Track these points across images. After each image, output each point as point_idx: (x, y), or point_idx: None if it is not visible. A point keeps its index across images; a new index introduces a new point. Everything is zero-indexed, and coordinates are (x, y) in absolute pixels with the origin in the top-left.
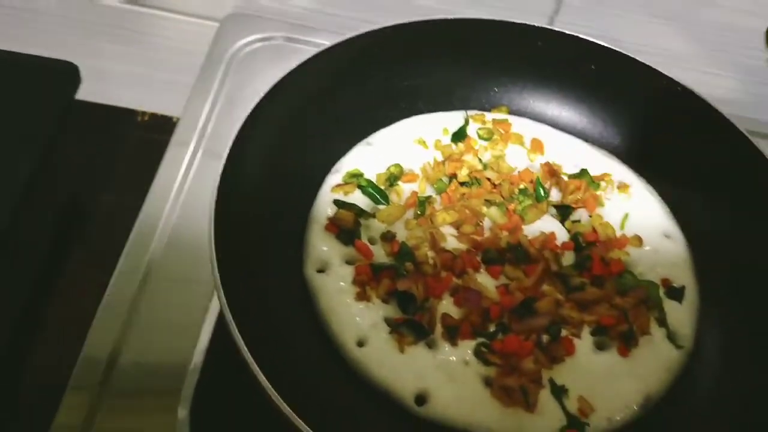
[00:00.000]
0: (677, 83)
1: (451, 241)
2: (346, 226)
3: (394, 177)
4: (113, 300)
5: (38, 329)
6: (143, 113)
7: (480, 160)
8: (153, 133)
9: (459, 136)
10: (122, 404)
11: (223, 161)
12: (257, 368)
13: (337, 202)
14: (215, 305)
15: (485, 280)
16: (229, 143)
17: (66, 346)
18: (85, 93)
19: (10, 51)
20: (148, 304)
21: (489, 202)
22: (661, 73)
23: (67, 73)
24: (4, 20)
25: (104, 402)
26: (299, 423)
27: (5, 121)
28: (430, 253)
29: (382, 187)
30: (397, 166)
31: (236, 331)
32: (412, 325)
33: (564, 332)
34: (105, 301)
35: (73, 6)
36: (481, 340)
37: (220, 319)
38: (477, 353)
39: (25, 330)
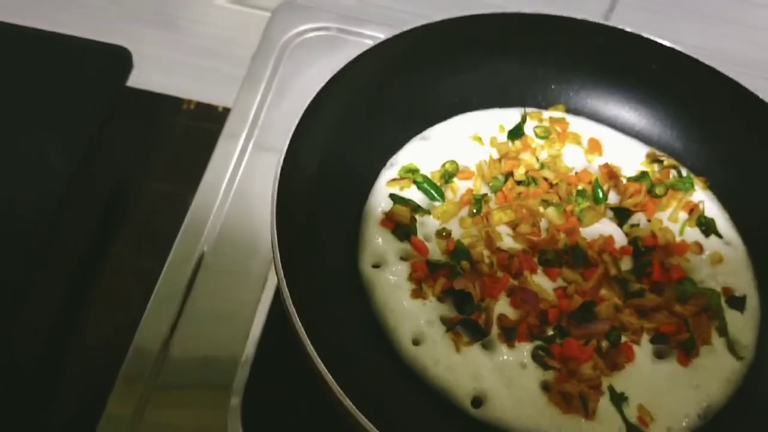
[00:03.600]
0: (741, 86)
1: (507, 241)
2: (402, 222)
3: (449, 174)
4: (165, 291)
5: (82, 314)
6: (189, 101)
7: (537, 159)
8: (199, 122)
9: (515, 133)
10: (173, 395)
11: (282, 154)
12: (319, 360)
13: (393, 197)
14: (266, 297)
15: (542, 282)
16: (289, 136)
17: (109, 334)
18: (131, 79)
19: (63, 34)
20: (200, 296)
21: (546, 203)
22: (725, 75)
23: (120, 58)
24: (55, 3)
25: (155, 393)
26: (359, 416)
27: (57, 104)
28: (486, 252)
29: (438, 184)
30: (453, 162)
31: (299, 322)
32: (468, 325)
33: (624, 338)
34: (156, 292)
35: None
36: (538, 342)
37: (272, 311)
38: (535, 356)
39: (69, 315)
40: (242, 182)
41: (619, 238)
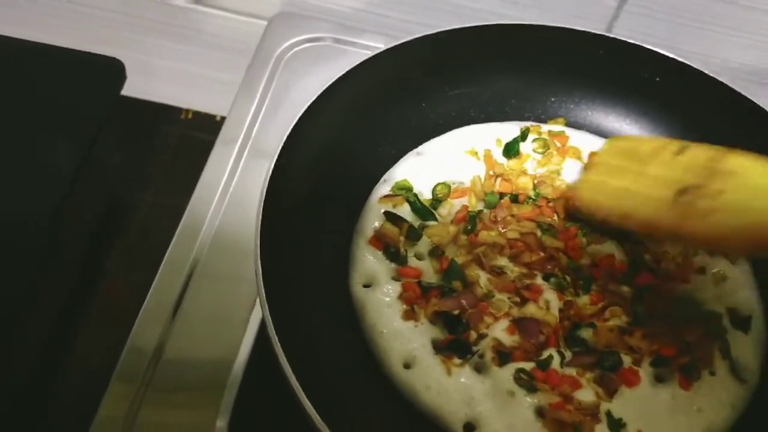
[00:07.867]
0: (745, 98)
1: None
2: (391, 242)
3: (438, 200)
4: (160, 293)
5: (78, 324)
6: (187, 111)
7: (534, 186)
8: (196, 131)
9: (511, 150)
10: (165, 398)
11: (270, 168)
12: (298, 385)
13: (387, 215)
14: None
15: (551, 297)
16: (278, 149)
17: (103, 342)
18: (129, 88)
19: (56, 46)
20: (194, 298)
21: (541, 227)
22: (727, 86)
23: (113, 70)
24: (50, 13)
25: (148, 395)
26: None
27: (50, 116)
28: (483, 273)
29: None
30: (444, 185)
31: (280, 349)
32: (455, 345)
33: (626, 361)
34: (151, 294)
35: (121, 1)
36: (521, 366)
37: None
38: (517, 380)
39: (65, 325)
40: (237, 188)
41: (620, 257)
